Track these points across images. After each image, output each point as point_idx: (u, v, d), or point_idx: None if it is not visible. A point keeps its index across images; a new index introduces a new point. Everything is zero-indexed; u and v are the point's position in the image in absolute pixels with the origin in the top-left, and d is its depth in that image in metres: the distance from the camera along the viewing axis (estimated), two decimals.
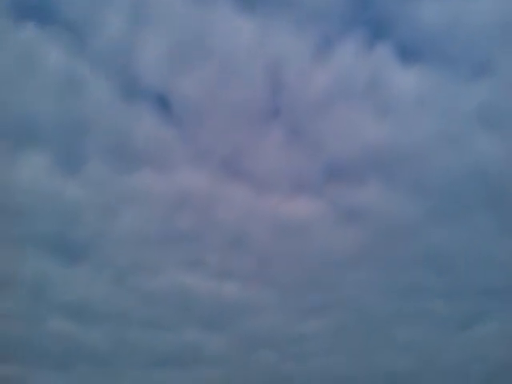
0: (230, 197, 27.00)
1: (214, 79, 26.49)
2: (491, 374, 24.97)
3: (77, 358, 25.51)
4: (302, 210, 27.30)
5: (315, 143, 27.13)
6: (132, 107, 25.84)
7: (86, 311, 25.58)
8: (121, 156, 25.94)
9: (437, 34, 26.05)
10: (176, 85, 26.11)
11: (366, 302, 26.51)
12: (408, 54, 25.98)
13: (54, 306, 25.34)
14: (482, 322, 25.59)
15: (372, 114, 26.54)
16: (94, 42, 25.26)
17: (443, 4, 25.58)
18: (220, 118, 26.85)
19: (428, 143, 26.55)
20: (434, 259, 26.28)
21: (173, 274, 26.71)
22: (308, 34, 26.56)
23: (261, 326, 26.41)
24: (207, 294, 26.51)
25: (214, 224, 26.98)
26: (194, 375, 25.68)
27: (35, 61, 24.86)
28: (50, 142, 25.44)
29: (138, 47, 25.74)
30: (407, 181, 26.78)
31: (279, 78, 26.69)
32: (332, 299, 26.36)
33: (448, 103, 26.34)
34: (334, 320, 26.43)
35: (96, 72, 25.41)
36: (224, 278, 26.51)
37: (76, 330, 25.51)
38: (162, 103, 25.83)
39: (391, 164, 26.73)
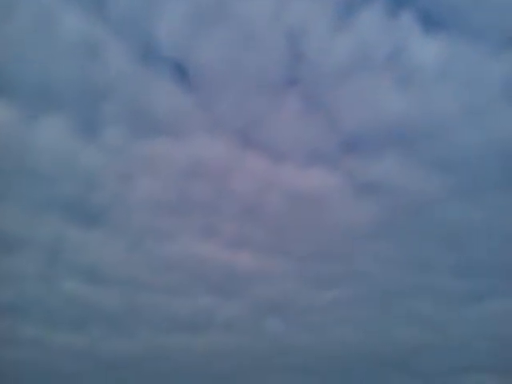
0: (246, 166, 24.99)
1: (233, 46, 24.16)
2: (501, 349, 23.42)
3: (90, 320, 24.25)
4: (318, 181, 25.27)
5: (333, 114, 24.80)
6: (150, 73, 23.78)
7: (101, 275, 24.09)
8: (138, 122, 23.97)
9: (462, 2, 23.43)
10: (194, 51, 23.93)
11: (379, 275, 24.66)
12: (431, 22, 23.39)
13: (69, 268, 24.08)
14: (494, 297, 23.88)
15: (393, 85, 24.24)
16: (112, 5, 23.23)
17: None
18: (238, 86, 24.61)
19: (449, 117, 24.15)
20: (450, 235, 24.37)
21: (187, 241, 24.99)
22: (329, 2, 24.14)
23: (274, 294, 24.72)
24: (221, 263, 24.71)
25: (229, 193, 24.96)
26: (206, 340, 24.33)
27: (54, 24, 23.10)
28: (68, 106, 23.63)
29: (157, 12, 23.62)
30: (426, 155, 24.46)
31: (298, 46, 24.35)
32: (346, 271, 24.56)
33: (472, 75, 23.76)
34: (347, 292, 24.71)
35: (114, 36, 23.36)
36: (238, 247, 24.74)
37: (90, 293, 24.19)
38: (180, 70, 23.77)
39: (410, 137, 24.37)
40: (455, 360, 22.97)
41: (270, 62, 24.47)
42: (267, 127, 24.92)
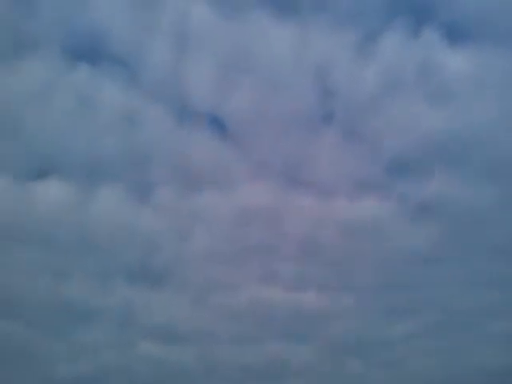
0: (296, 206, 23.72)
1: (263, 91, 23.47)
2: None
3: (168, 379, 22.82)
4: (371, 210, 23.67)
5: (374, 141, 23.47)
6: (188, 130, 23.39)
7: (172, 332, 22.92)
8: (185, 179, 23.33)
9: (484, 11, 21.89)
10: (226, 103, 23.27)
11: (451, 299, 22.48)
12: (456, 35, 22.19)
13: (141, 330, 22.87)
14: None
15: (428, 102, 22.82)
16: (144, 73, 22.76)
17: None
18: (274, 130, 23.76)
19: (491, 125, 22.33)
20: None
21: (250, 288, 23.48)
22: (349, 33, 23.11)
23: (344, 333, 22.89)
24: (286, 306, 23.15)
25: (284, 235, 23.62)
26: None
27: (93, 100, 22.75)
28: (118, 175, 22.98)
29: (186, 72, 23.26)
30: (475, 167, 22.64)
31: (326, 81, 23.47)
32: (414, 299, 22.45)
33: (505, 81, 22.24)
34: (419, 321, 22.50)
35: (150, 101, 22.94)
36: (301, 288, 23.28)
37: (165, 352, 22.97)
38: (216, 123, 23.03)
39: (456, 151, 22.81)
40: None
41: (301, 101, 23.58)
42: (310, 164, 23.81)
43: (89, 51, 21.67)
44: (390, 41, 22.41)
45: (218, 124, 22.92)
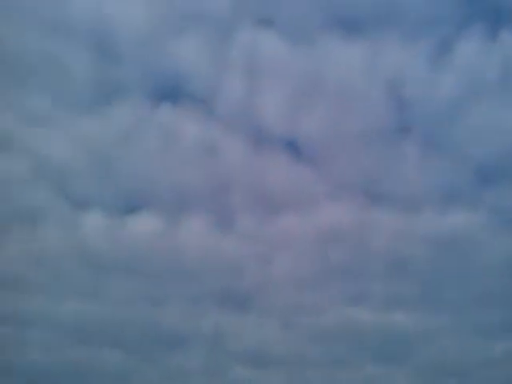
0: (380, 223, 20.80)
1: (336, 112, 21.16)
2: None
3: None
4: (460, 222, 20.33)
5: (457, 150, 20.50)
6: (264, 156, 21.36)
7: (262, 356, 20.60)
8: (265, 204, 21.31)
9: None
10: (300, 126, 21.28)
11: None
12: None
13: (232, 355, 20.78)
14: None
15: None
16: (220, 105, 21.30)
17: None
18: (350, 148, 21.34)
19: None
20: None
21: (338, 309, 20.75)
22: (421, 43, 20.42)
23: (440, 353, 19.69)
24: (376, 327, 20.27)
25: (369, 253, 20.77)
26: None
27: (175, 134, 21.66)
28: (202, 204, 21.43)
29: (260, 100, 21.37)
30: None
31: (400, 93, 20.83)
32: None
33: None
34: None
35: (227, 132, 21.34)
36: (390, 308, 20.18)
37: (255, 376, 20.54)
38: (291, 146, 21.13)
39: None
40: None
41: (376, 116, 20.91)
42: (391, 179, 20.98)
43: (170, 91, 20.93)
44: (467, 46, 19.63)
45: (293, 147, 21.00)
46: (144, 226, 20.38)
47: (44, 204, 19.26)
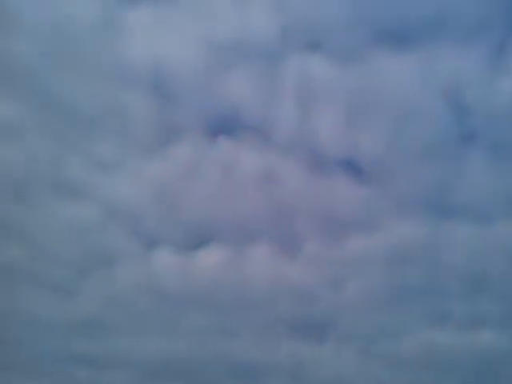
0: (452, 237, 17.85)
1: (393, 126, 18.74)
2: None
3: None
4: None
5: None
6: (324, 179, 19.36)
7: None
8: (330, 227, 19.01)
9: None
10: (358, 145, 19.05)
11: None
12: None
13: None
14: None
15: None
16: (276, 133, 19.52)
17: None
18: (412, 162, 18.77)
19: None
20: None
21: (418, 332, 17.82)
22: (476, 47, 17.85)
23: None
24: (461, 348, 17.17)
25: (445, 270, 17.81)
26: None
27: (234, 166, 19.81)
28: (267, 232, 19.37)
29: (314, 124, 19.51)
30: None
31: (460, 101, 18.21)
32: None
33: None
34: None
35: (285, 159, 19.54)
36: (475, 327, 17.18)
37: None
38: (351, 167, 18.86)
39: None
40: None
41: (436, 126, 18.38)
42: (460, 190, 18.16)
43: (225, 125, 19.37)
44: None
45: (353, 167, 18.79)
46: (211, 258, 18.80)
47: (116, 246, 18.42)
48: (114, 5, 17.41)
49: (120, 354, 17.15)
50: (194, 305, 18.11)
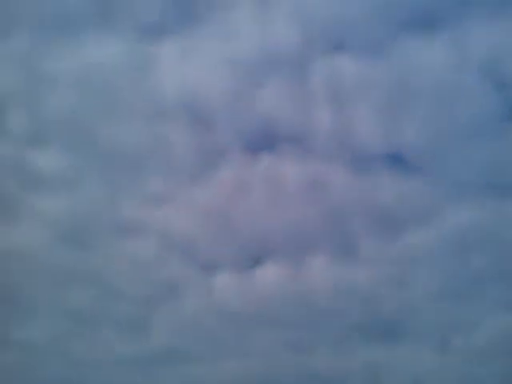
0: None
1: (434, 112, 18.52)
2: None
3: None
4: None
5: None
6: (372, 176, 18.95)
7: None
8: (385, 224, 18.73)
9: None
10: (401, 137, 18.84)
11: None
12: None
13: None
14: None
15: None
16: (315, 139, 19.70)
17: None
18: (460, 145, 18.25)
19: None
20: None
21: (494, 320, 17.12)
22: (510, 20, 16.71)
23: None
24: None
25: None
26: None
27: (279, 180, 20.10)
28: (322, 240, 19.30)
29: (355, 124, 19.61)
30: None
31: (500, 75, 17.39)
32: None
33: None
34: None
35: (329, 163, 19.60)
36: None
37: None
38: (397, 160, 18.55)
39: None
40: None
41: (478, 105, 18.15)
42: None
43: (265, 140, 19.54)
44: None
45: (398, 161, 18.43)
46: (271, 274, 18.77)
47: (178, 275, 18.76)
48: (140, 43, 18.03)
49: (198, 379, 17.49)
50: (261, 322, 18.12)
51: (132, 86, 17.86)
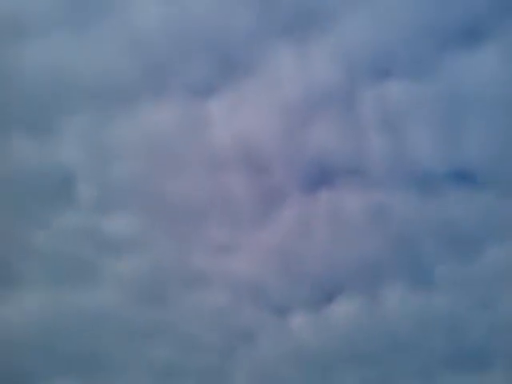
0: None
1: (495, 122, 18.50)
2: None
3: None
4: None
5: None
6: (439, 197, 18.97)
7: None
8: (460, 245, 18.43)
9: None
10: (463, 153, 18.82)
11: None
12: None
13: None
14: None
15: None
16: (373, 167, 19.97)
17: None
18: None
19: None
20: None
21: None
22: None
23: None
24: None
25: None
26: None
27: (341, 215, 20.63)
28: (394, 268, 19.16)
29: (409, 145, 19.71)
30: None
31: None
32: None
33: None
34: None
35: (390, 191, 19.90)
36: None
37: None
38: (462, 177, 18.18)
39: None
40: None
41: None
42: None
43: (323, 176, 20.07)
44: None
45: (465, 178, 18.13)
46: (345, 310, 18.68)
47: (251, 321, 19.00)
48: (192, 104, 19.37)
49: None
50: (341, 361, 17.82)
51: (190, 144, 19.05)
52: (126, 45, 18.29)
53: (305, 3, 17.95)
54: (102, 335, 17.51)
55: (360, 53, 17.82)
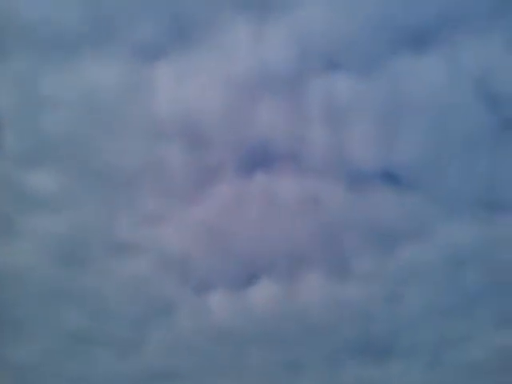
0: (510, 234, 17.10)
1: (428, 128, 19.40)
2: None
3: None
4: None
5: None
6: (365, 193, 19.85)
7: None
8: (378, 241, 19.13)
9: None
10: (394, 154, 19.80)
11: None
12: None
13: None
14: None
15: None
16: (309, 157, 20.53)
17: None
18: (454, 161, 19.48)
19: None
20: None
21: (486, 336, 17.81)
22: (500, 33, 17.84)
23: None
24: None
25: (507, 268, 17.70)
26: None
27: (274, 198, 21.11)
28: (315, 259, 20.06)
29: (346, 140, 20.48)
30: None
31: (494, 90, 18.48)
32: None
33: None
34: None
35: (323, 180, 20.92)
36: None
37: None
38: (390, 177, 18.79)
39: None
40: None
41: (472, 120, 18.93)
42: (508, 184, 18.16)
43: (260, 158, 20.20)
44: None
45: (393, 177, 18.74)
46: (265, 292, 19.05)
47: (172, 294, 18.95)
48: (136, 64, 19.39)
49: None
50: (255, 341, 18.52)
51: (128, 107, 19.10)
52: None
53: None
54: (12, 292, 17.58)
55: (314, 41, 18.67)
